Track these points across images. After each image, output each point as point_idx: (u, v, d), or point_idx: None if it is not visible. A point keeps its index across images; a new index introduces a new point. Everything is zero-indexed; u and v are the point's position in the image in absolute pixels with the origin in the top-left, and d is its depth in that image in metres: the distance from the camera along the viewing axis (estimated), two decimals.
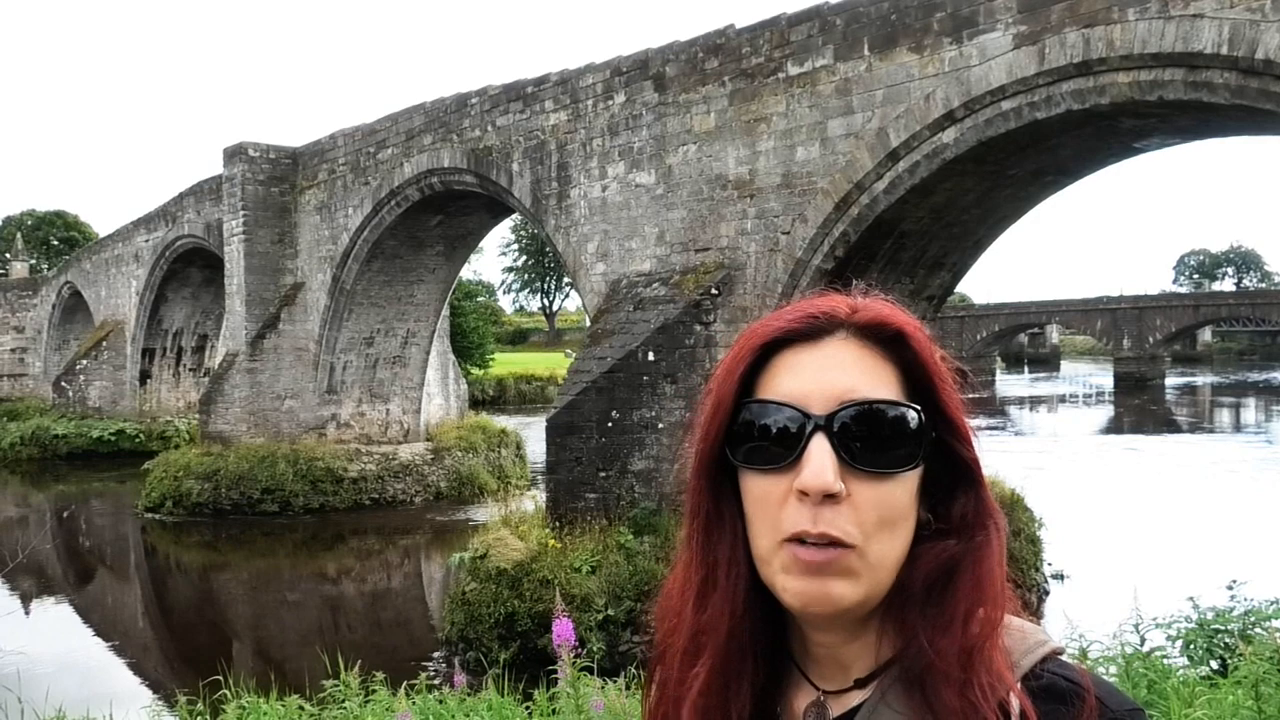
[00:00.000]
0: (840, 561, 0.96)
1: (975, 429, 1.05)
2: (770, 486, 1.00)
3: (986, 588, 0.99)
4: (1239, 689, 4.47)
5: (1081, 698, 0.96)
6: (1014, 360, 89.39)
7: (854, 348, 1.03)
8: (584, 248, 14.54)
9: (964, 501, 1.02)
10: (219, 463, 20.67)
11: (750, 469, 1.02)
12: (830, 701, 1.04)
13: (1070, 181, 12.09)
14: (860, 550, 0.97)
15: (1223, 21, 8.48)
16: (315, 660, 6.63)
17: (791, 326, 1.05)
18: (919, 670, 0.97)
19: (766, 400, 1.02)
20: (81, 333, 36.89)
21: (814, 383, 1.01)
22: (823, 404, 0.99)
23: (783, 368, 1.04)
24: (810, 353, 1.03)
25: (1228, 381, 66.37)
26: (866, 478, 0.98)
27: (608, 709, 4.20)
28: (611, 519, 11.59)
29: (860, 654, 1.03)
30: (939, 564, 1.00)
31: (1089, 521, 17.88)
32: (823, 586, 0.97)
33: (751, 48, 12.26)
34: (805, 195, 11.68)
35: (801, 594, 0.98)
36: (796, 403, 1.00)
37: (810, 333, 1.04)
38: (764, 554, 1.01)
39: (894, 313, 1.05)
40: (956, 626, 0.97)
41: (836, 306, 1.05)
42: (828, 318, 1.04)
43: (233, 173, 21.81)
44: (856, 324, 1.04)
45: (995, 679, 0.96)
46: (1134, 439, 33.39)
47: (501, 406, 45.39)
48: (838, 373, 1.01)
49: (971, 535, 1.01)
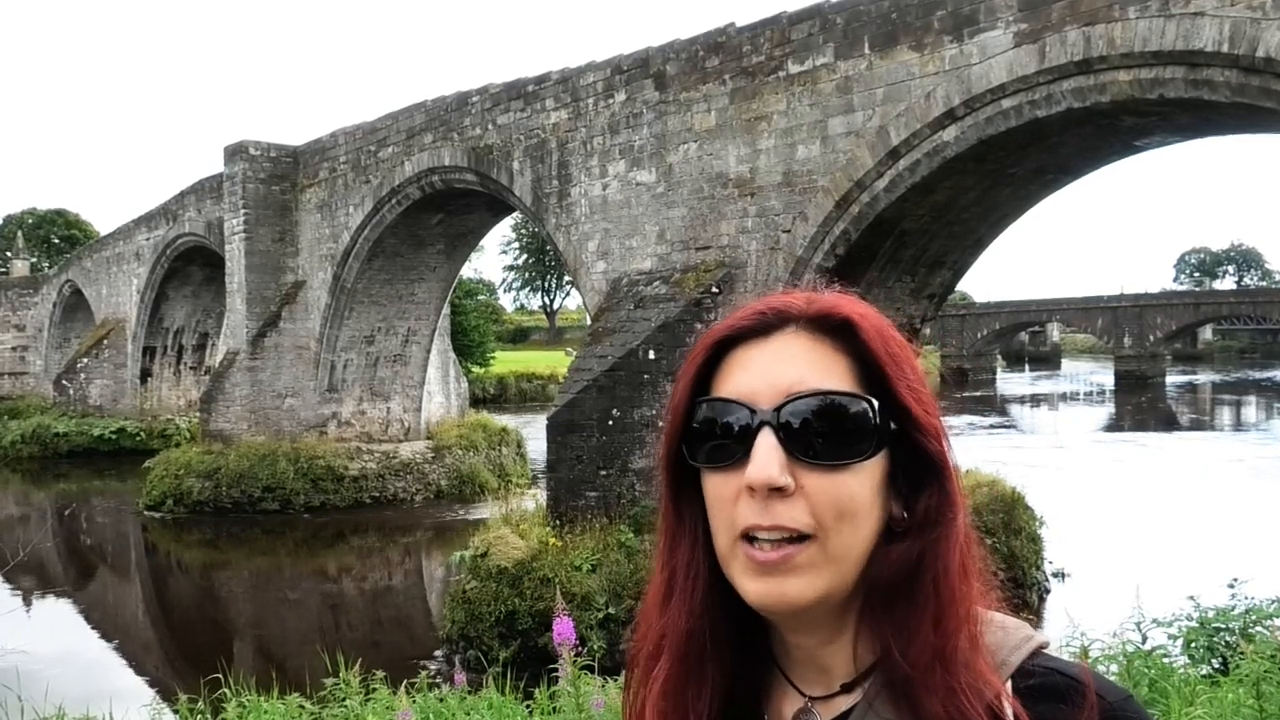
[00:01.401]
0: (796, 558, 0.95)
1: (943, 420, 1.02)
2: (724, 484, 0.99)
3: (947, 586, 0.97)
4: (1240, 687, 4.47)
5: (1081, 694, 0.94)
6: (1015, 358, 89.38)
7: (805, 340, 1.02)
8: (585, 246, 14.54)
9: (928, 496, 1.00)
10: (220, 461, 20.67)
11: (707, 468, 1.02)
12: (818, 708, 1.02)
13: (1071, 180, 12.09)
14: (820, 542, 0.96)
15: (1223, 19, 8.47)
16: (316, 658, 6.63)
17: (740, 324, 1.05)
18: (899, 679, 0.96)
19: (716, 398, 1.02)
20: (82, 331, 36.87)
21: (762, 378, 1.00)
22: (770, 398, 0.99)
23: (735, 365, 1.04)
24: (760, 348, 1.03)
25: (1228, 380, 66.38)
26: (817, 470, 0.96)
27: (608, 707, 4.20)
28: (612, 517, 11.59)
29: (840, 656, 1.02)
30: (898, 566, 0.98)
31: (1090, 520, 17.88)
32: (779, 585, 0.96)
33: (752, 46, 12.26)
34: (806, 193, 11.67)
35: (760, 593, 0.97)
36: (744, 399, 1.00)
37: (760, 329, 1.04)
38: (724, 553, 1.00)
39: (844, 302, 1.04)
40: (926, 631, 0.95)
41: (791, 302, 1.05)
42: (777, 313, 1.04)
43: (234, 171, 21.80)
44: (808, 316, 1.03)
45: (980, 681, 0.94)
46: (1135, 437, 33.35)
47: (502, 405, 45.37)
48: (785, 366, 1.00)
49: (930, 531, 0.98)
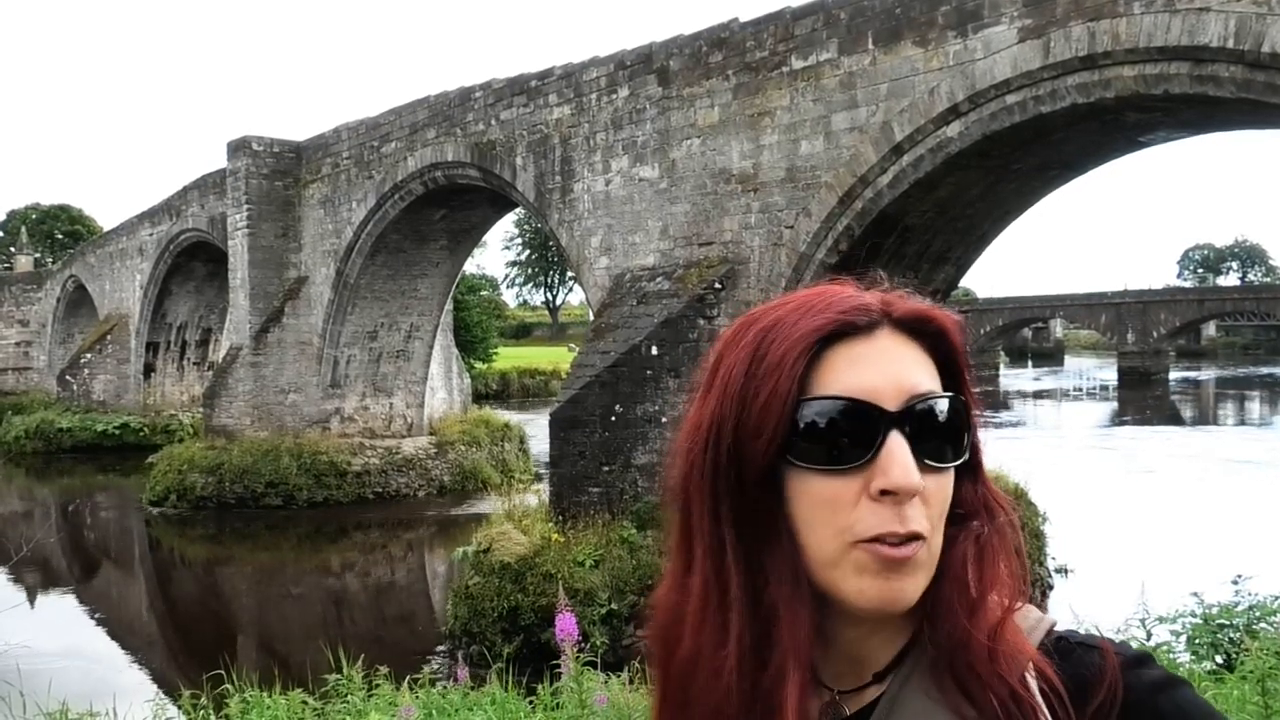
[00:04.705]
0: (917, 555, 0.95)
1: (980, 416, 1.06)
2: (841, 488, 0.95)
3: (1007, 567, 1.01)
4: (1245, 684, 4.46)
5: (1102, 655, 0.97)
6: (1018, 355, 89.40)
7: (901, 341, 1.00)
8: (587, 242, 14.52)
9: (972, 486, 1.03)
10: (223, 456, 20.70)
11: (813, 470, 0.96)
12: (845, 700, 1.02)
13: (1075, 175, 12.07)
14: (928, 542, 0.96)
15: (1229, 15, 8.45)
16: (318, 654, 6.64)
17: (846, 318, 0.99)
18: (946, 653, 0.97)
19: (832, 396, 0.96)
20: (86, 326, 36.92)
21: (880, 376, 0.96)
22: (894, 398, 0.96)
23: (842, 361, 0.97)
24: (866, 346, 0.98)
25: (1232, 376, 66.30)
26: (933, 472, 0.96)
27: (611, 703, 4.20)
28: (615, 513, 11.59)
29: (881, 645, 1.02)
30: (975, 546, 1.00)
31: (1093, 516, 17.87)
32: (900, 582, 0.95)
33: (755, 41, 12.24)
34: (809, 189, 11.65)
35: (882, 591, 0.95)
36: (868, 397, 0.96)
37: (864, 326, 0.99)
38: (828, 558, 0.96)
39: (933, 308, 1.05)
40: (978, 607, 0.98)
41: (870, 300, 1.02)
42: (880, 311, 1.01)
43: (236, 166, 21.81)
44: (898, 317, 1.01)
45: (1017, 651, 0.97)
46: (1138, 432, 33.34)
47: (505, 401, 45.39)
48: (900, 366, 0.98)
49: (992, 518, 1.03)
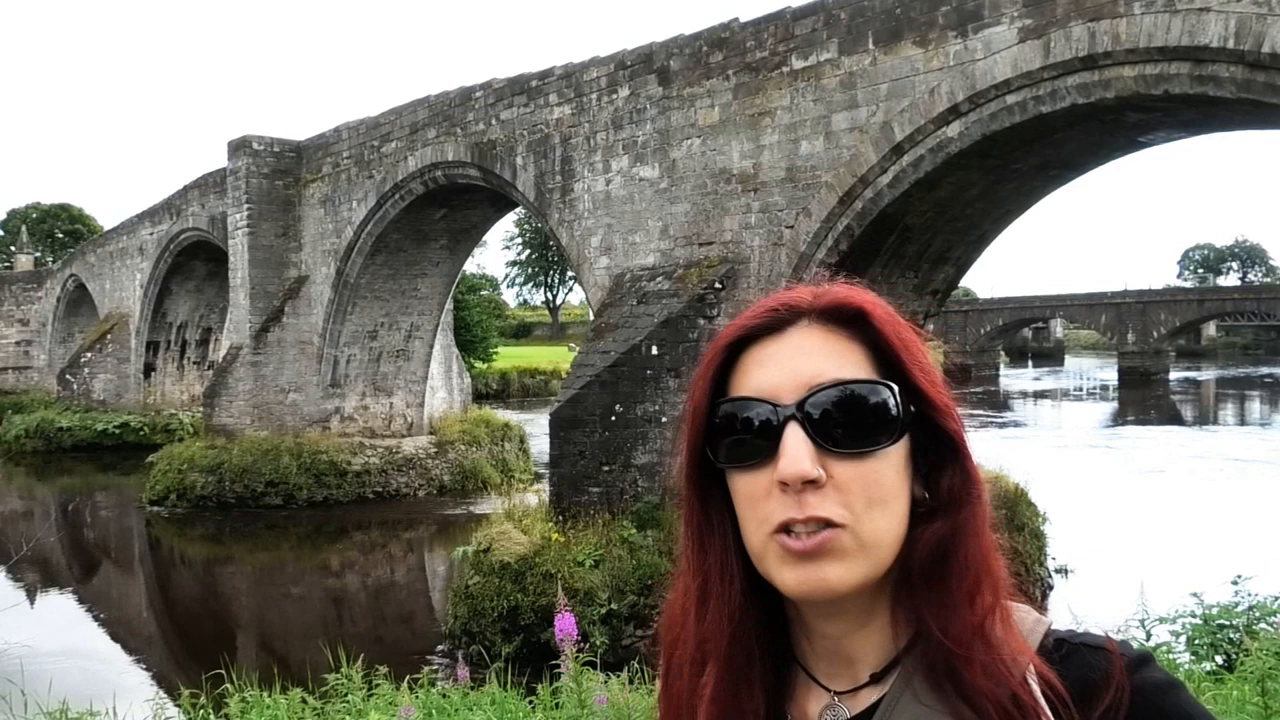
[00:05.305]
0: (831, 543, 0.96)
1: (956, 400, 1.05)
2: (754, 482, 1.01)
3: (980, 563, 1.00)
4: (1245, 684, 4.46)
5: (1107, 656, 0.98)
6: (1018, 355, 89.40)
7: (819, 333, 1.04)
8: (588, 241, 14.52)
9: (950, 475, 1.03)
10: (223, 456, 20.70)
11: (734, 468, 1.03)
12: (844, 702, 1.03)
13: (1075, 175, 12.06)
14: (852, 530, 0.97)
15: (1229, 15, 8.44)
16: (318, 654, 6.64)
17: (752, 323, 1.06)
18: (940, 658, 0.97)
19: (737, 398, 1.03)
20: (86, 326, 36.93)
21: (781, 373, 1.02)
22: (792, 392, 1.00)
23: (751, 364, 1.05)
24: (776, 345, 1.04)
25: (1232, 376, 66.29)
26: (846, 458, 0.98)
27: (611, 703, 4.20)
28: (615, 513, 11.59)
29: (868, 645, 1.03)
30: (931, 546, 1.00)
31: (1093, 516, 17.87)
32: (818, 571, 0.97)
33: (756, 41, 12.24)
34: (809, 189, 11.65)
35: (799, 581, 0.98)
36: (767, 395, 1.01)
37: (773, 326, 1.05)
38: (758, 549, 1.01)
39: (855, 293, 1.05)
40: (964, 607, 0.98)
41: (799, 297, 1.07)
42: (788, 309, 1.05)
43: (237, 166, 21.82)
44: (818, 309, 1.05)
45: (1015, 653, 0.97)
46: (1138, 432, 33.33)
47: (505, 400, 45.43)
48: (803, 359, 1.02)
49: (958, 511, 1.01)
